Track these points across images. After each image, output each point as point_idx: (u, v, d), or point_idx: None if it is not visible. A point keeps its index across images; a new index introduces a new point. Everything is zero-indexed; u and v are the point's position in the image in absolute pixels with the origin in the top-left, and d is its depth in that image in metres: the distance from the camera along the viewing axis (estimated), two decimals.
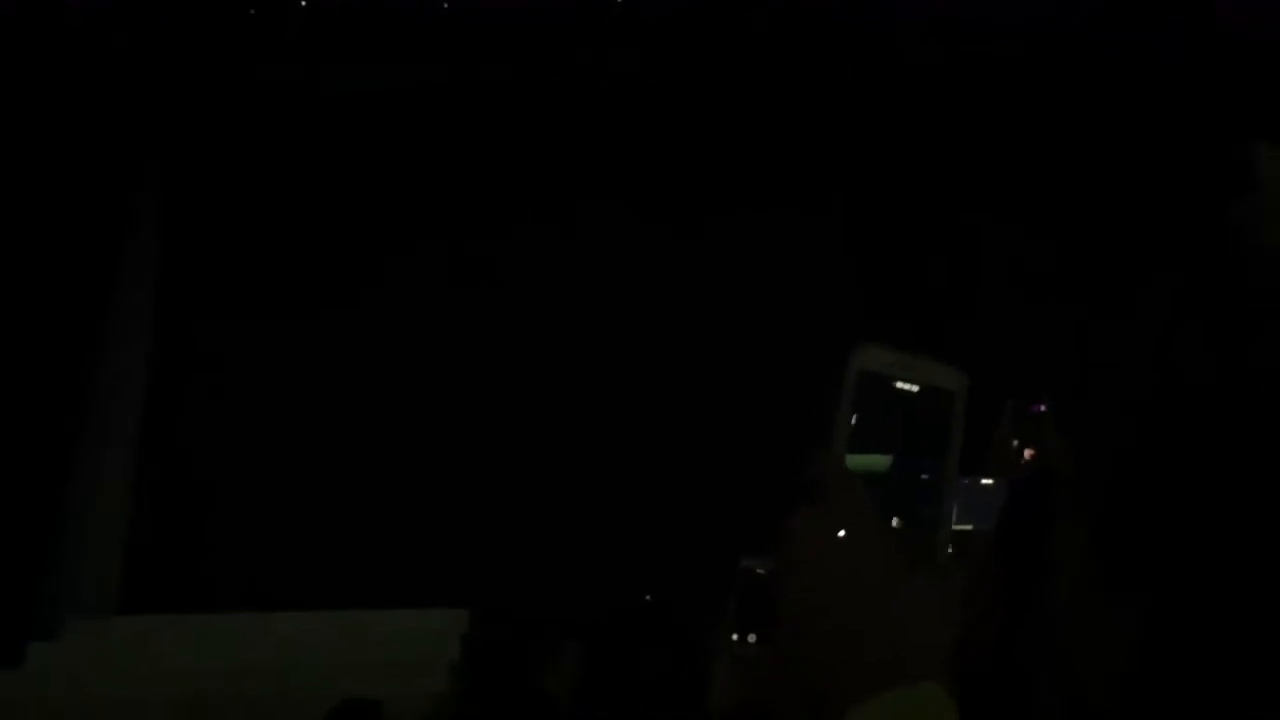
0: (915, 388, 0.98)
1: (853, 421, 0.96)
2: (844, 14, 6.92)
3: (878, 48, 7.06)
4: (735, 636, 2.46)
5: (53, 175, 7.32)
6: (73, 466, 7.50)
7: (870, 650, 0.92)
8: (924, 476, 0.96)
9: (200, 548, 7.37)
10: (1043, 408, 2.16)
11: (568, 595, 6.47)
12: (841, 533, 0.94)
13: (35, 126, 7.20)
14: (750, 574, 2.46)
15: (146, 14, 7.06)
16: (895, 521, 0.95)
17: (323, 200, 7.64)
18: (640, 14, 7.06)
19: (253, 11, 7.12)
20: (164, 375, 7.71)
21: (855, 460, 0.95)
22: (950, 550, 0.95)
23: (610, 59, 7.24)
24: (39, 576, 7.25)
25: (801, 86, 7.25)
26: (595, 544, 7.05)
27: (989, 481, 2.36)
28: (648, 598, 6.47)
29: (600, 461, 7.23)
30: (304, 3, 7.12)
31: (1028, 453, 2.08)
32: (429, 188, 7.66)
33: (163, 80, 7.36)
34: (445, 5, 7.04)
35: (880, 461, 0.97)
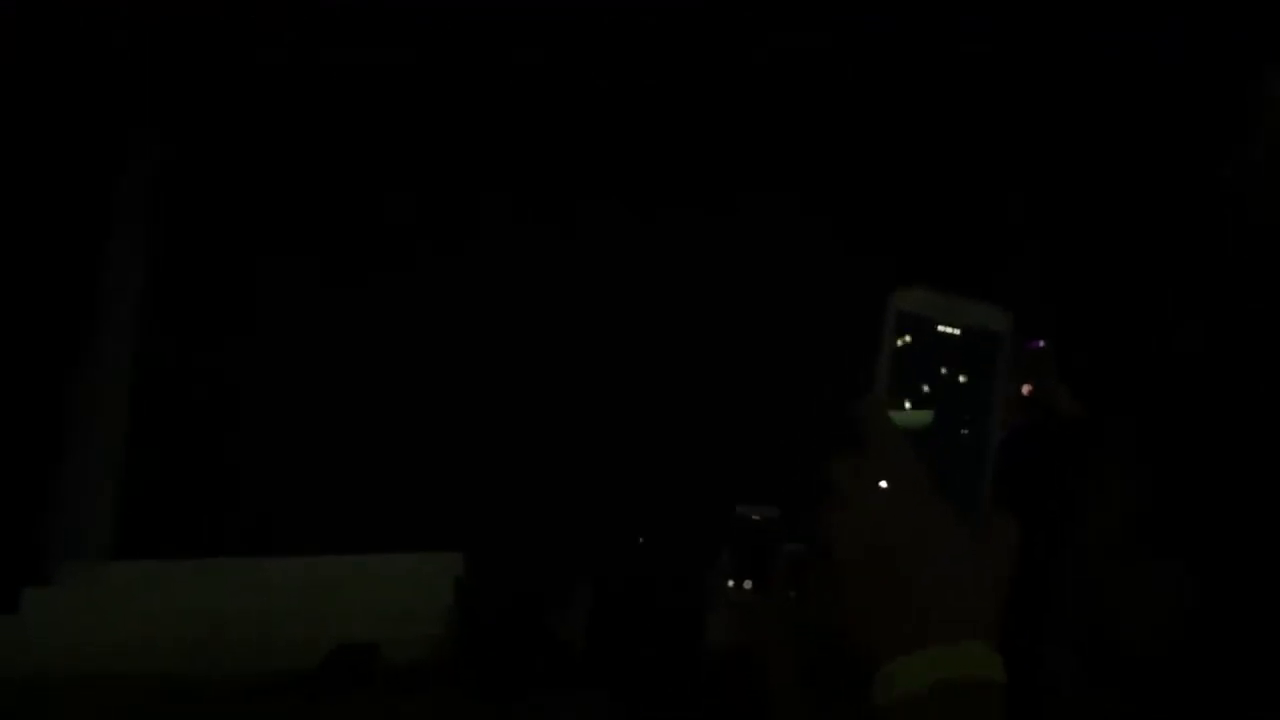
0: (957, 330, 0.94)
1: (893, 366, 0.94)
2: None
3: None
4: (731, 583, 2.48)
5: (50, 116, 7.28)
6: (65, 413, 7.50)
7: (915, 604, 0.90)
8: (967, 423, 0.94)
9: (195, 494, 7.38)
10: (1041, 344, 2.13)
11: (562, 538, 6.51)
12: (884, 483, 0.91)
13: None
14: (745, 521, 2.47)
15: None
16: (937, 471, 0.93)
17: (328, 138, 7.58)
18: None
19: None
20: (158, 320, 7.70)
21: (897, 414, 0.93)
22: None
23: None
24: (34, 522, 7.26)
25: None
26: (588, 488, 7.08)
27: None
28: (641, 540, 6.51)
29: (595, 405, 7.24)
30: None
31: (1025, 388, 2.05)
32: (433, 148, 7.61)
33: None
34: None
35: (923, 416, 0.94)
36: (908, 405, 0.93)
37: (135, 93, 7.42)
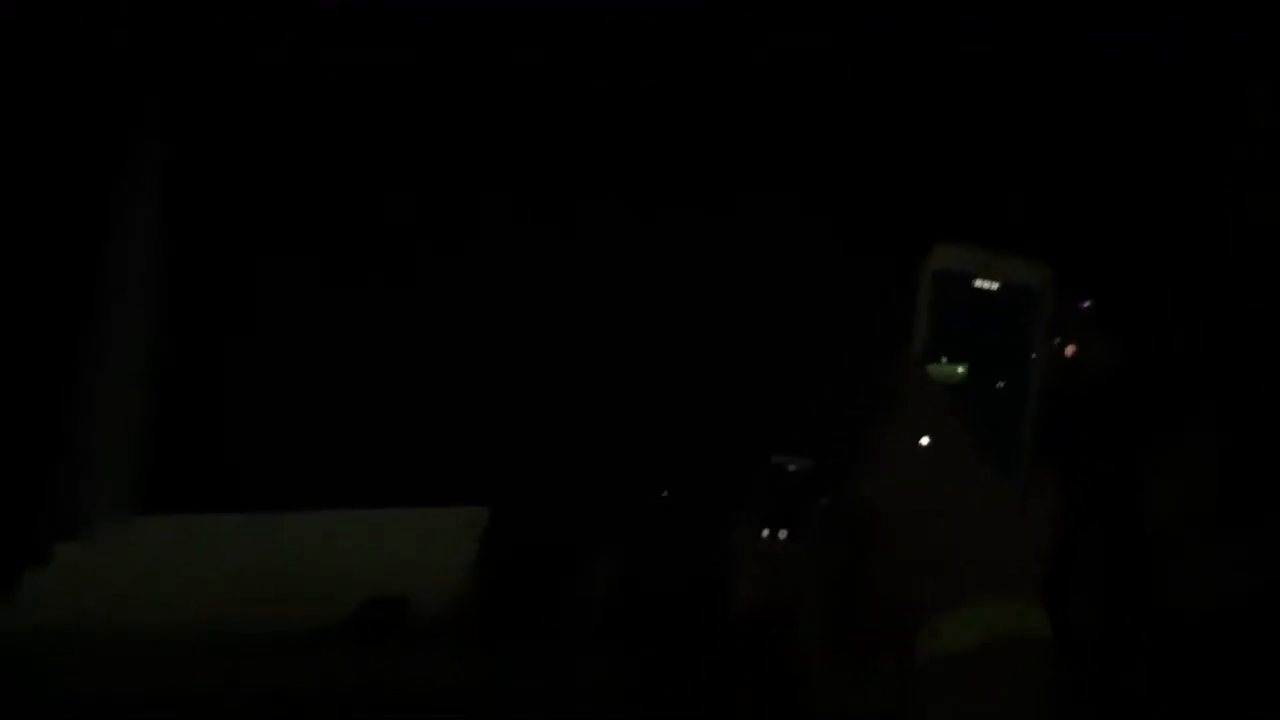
0: (995, 285, 0.92)
1: (929, 323, 0.92)
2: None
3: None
4: (765, 533, 2.46)
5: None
6: (90, 370, 7.54)
7: (958, 562, 0.89)
8: (1006, 380, 0.92)
9: (220, 449, 7.42)
10: (1087, 304, 2.11)
11: (588, 493, 6.53)
12: (925, 440, 0.90)
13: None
14: (780, 472, 2.45)
15: None
16: (976, 429, 0.91)
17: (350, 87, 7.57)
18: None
19: None
20: (179, 275, 7.71)
21: (935, 368, 0.92)
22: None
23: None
24: (62, 479, 7.32)
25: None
26: (615, 441, 7.09)
27: None
28: (665, 494, 6.52)
29: (622, 357, 7.24)
30: None
31: (1069, 349, 2.03)
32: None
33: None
34: None
35: (959, 370, 0.93)
36: (944, 361, 0.91)
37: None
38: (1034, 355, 0.92)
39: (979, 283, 0.91)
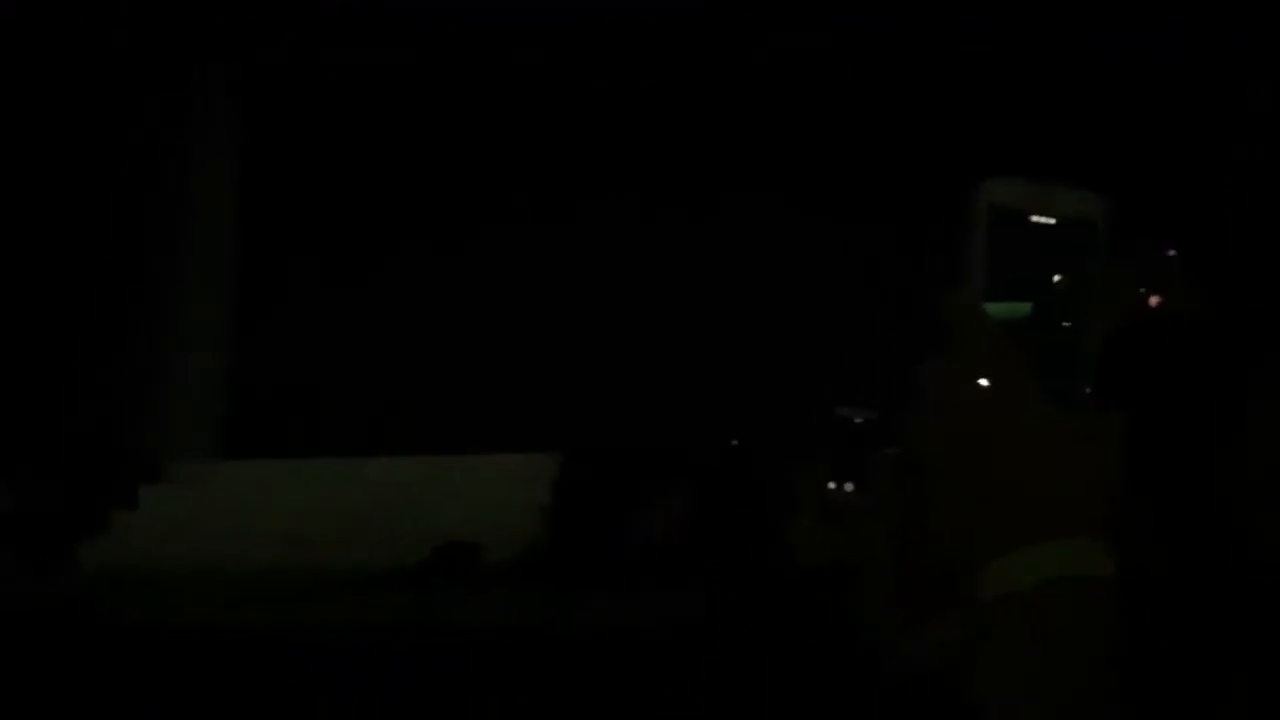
0: (1052, 220, 0.91)
1: (985, 261, 0.89)
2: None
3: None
4: (832, 485, 2.45)
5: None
6: (173, 323, 7.72)
7: (1019, 500, 0.86)
8: (1065, 315, 0.90)
9: (298, 397, 7.55)
10: (1172, 252, 2.07)
11: (657, 440, 6.59)
12: (983, 381, 0.87)
13: None
14: (847, 422, 2.45)
15: None
16: (1037, 366, 0.88)
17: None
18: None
19: None
20: (259, 229, 7.83)
21: (992, 308, 0.89)
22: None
23: None
24: (148, 427, 7.51)
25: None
26: (679, 389, 7.16)
27: None
28: (734, 442, 6.56)
29: (691, 310, 7.30)
30: None
31: (1153, 300, 2.00)
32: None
33: None
34: None
35: (1020, 307, 0.90)
36: (1001, 299, 0.88)
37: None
38: (1093, 288, 0.88)
39: (1034, 218, 0.89)
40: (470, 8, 7.20)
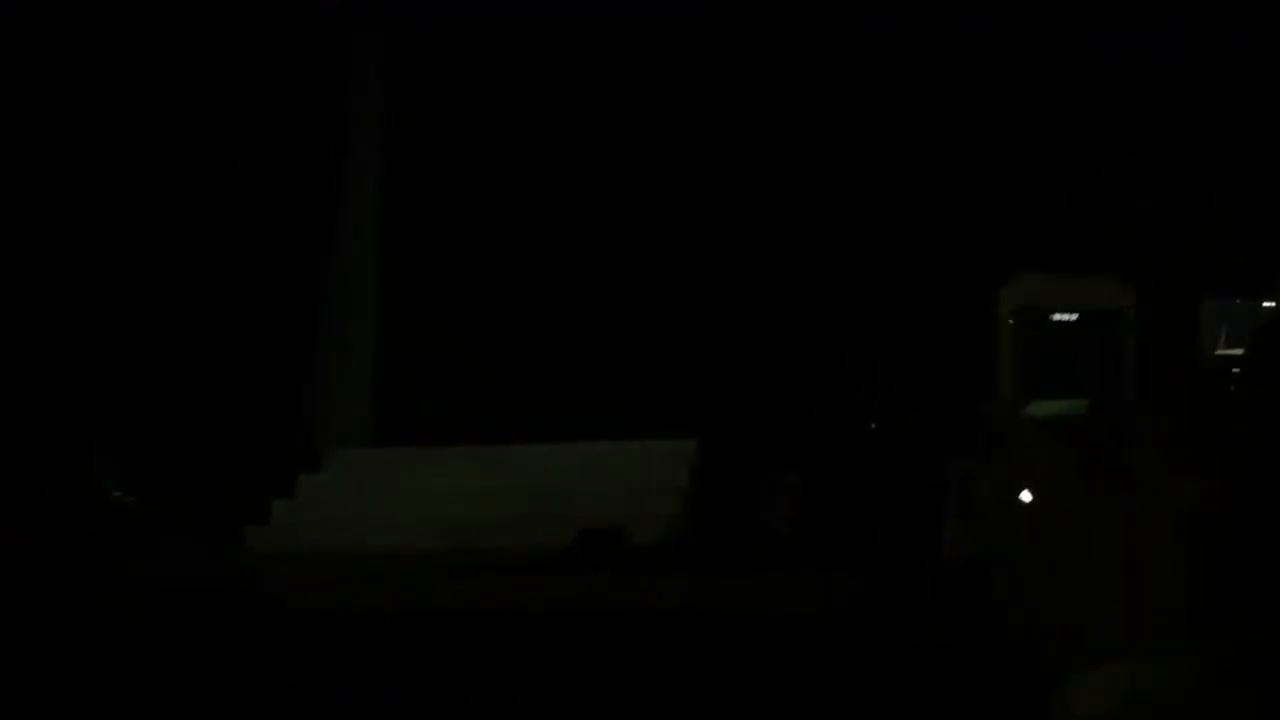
0: (1075, 316, 0.86)
1: (1016, 363, 0.85)
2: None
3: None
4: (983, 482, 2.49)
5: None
6: (328, 312, 7.96)
7: (1087, 618, 0.82)
8: (1105, 404, 0.91)
9: (444, 387, 7.72)
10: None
11: (785, 429, 6.65)
12: (1026, 495, 0.83)
13: None
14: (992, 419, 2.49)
15: None
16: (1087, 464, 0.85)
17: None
18: None
19: None
20: (411, 222, 7.99)
21: (1051, 404, 0.86)
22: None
23: None
24: (305, 417, 7.77)
25: None
26: (813, 379, 7.21)
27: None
28: (873, 426, 6.59)
29: (824, 300, 7.33)
30: None
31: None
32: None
33: None
34: None
35: (1078, 404, 0.86)
36: (1042, 397, 0.84)
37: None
38: (1125, 374, 0.86)
39: (1058, 316, 0.86)
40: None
